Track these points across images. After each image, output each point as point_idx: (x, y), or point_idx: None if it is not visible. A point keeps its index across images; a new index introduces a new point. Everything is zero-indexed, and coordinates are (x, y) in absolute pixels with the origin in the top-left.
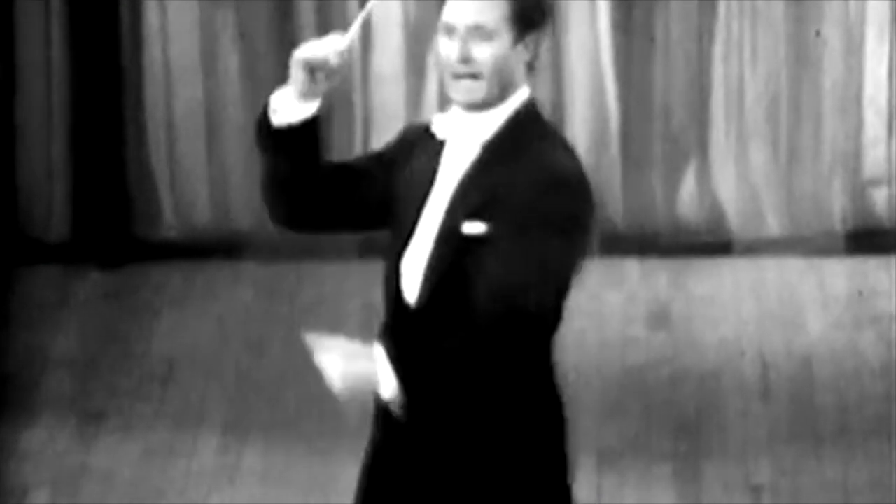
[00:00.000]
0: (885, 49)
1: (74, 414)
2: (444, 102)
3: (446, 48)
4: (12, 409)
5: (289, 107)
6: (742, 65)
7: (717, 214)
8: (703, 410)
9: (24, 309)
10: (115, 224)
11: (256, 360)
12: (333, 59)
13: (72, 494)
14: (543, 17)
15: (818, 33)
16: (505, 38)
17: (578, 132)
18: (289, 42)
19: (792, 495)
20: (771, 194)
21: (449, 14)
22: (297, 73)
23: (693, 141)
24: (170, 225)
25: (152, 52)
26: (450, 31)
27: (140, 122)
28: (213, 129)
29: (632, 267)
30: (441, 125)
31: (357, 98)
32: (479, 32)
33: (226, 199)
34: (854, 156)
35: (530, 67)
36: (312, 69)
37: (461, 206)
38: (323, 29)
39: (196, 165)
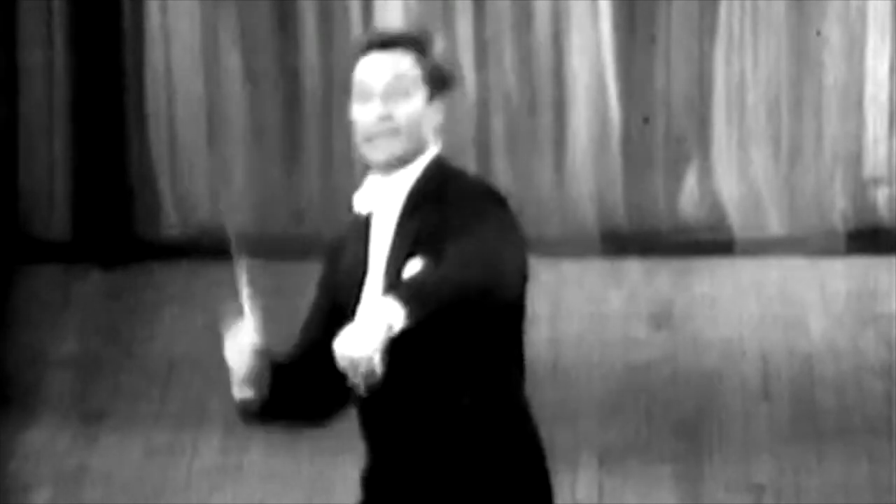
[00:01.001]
0: (887, 48)
1: (75, 413)
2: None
3: (361, 113)
4: (13, 409)
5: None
6: (743, 64)
7: (718, 214)
8: (705, 410)
9: (26, 308)
10: (116, 223)
11: None
12: (255, 361)
13: (73, 494)
14: (452, 81)
15: (818, 33)
16: (419, 96)
17: (580, 132)
18: (289, 42)
19: (793, 495)
20: (772, 194)
21: (364, 75)
22: (242, 386)
23: (694, 141)
24: (171, 224)
25: (154, 52)
26: (366, 94)
27: (141, 122)
28: (214, 128)
29: (633, 266)
30: (361, 201)
31: None
32: (397, 90)
33: (227, 199)
34: (855, 155)
35: (437, 132)
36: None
37: (398, 255)
38: (324, 28)
39: (197, 165)
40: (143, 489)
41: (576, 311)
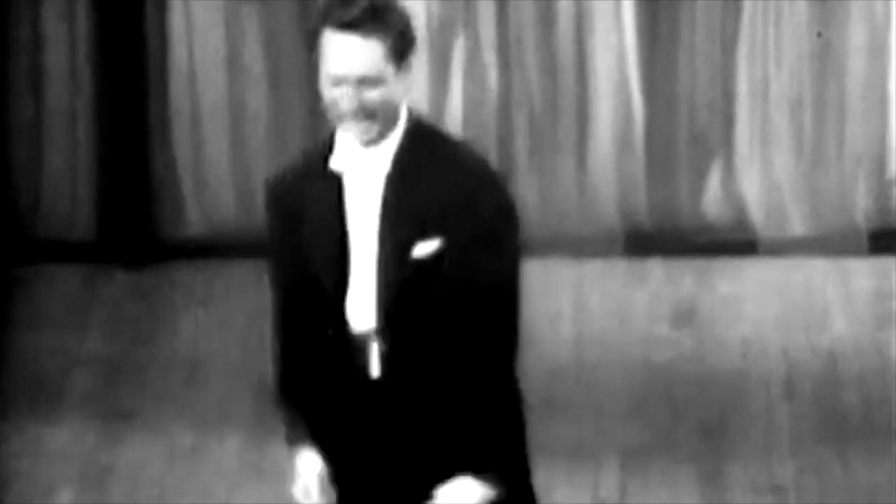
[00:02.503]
0: None
1: (99, 414)
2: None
3: (334, 94)
4: (37, 409)
5: None
6: (766, 65)
7: (741, 214)
8: (727, 410)
9: (48, 309)
10: (139, 224)
11: None
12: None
13: (97, 494)
14: (413, 38)
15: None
16: (389, 75)
17: (603, 132)
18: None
19: (816, 495)
20: (795, 194)
21: (335, 66)
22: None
23: (717, 141)
24: (194, 224)
25: (177, 52)
26: (337, 80)
27: (165, 122)
28: (238, 128)
29: (656, 266)
30: (338, 159)
31: None
32: (370, 77)
33: (250, 199)
34: (878, 155)
35: (407, 93)
36: None
37: (400, 228)
38: None
39: (221, 165)
40: (166, 488)
41: (598, 311)
